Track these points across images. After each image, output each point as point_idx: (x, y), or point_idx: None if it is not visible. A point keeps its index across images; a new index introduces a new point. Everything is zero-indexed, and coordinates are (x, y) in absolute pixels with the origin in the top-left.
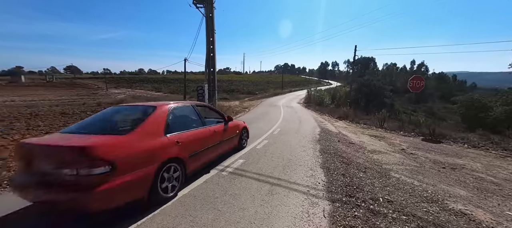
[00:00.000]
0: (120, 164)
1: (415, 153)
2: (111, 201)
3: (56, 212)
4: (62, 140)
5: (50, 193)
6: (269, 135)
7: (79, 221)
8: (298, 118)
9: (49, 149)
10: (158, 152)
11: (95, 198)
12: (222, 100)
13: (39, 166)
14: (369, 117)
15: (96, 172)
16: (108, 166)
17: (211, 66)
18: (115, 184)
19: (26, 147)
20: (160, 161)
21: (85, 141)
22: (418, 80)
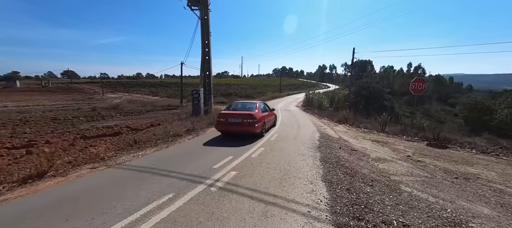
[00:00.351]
0: (256, 119)
1: (423, 160)
2: (256, 130)
3: (239, 135)
4: (241, 112)
5: (238, 127)
6: (266, 141)
7: (247, 137)
8: (297, 122)
9: (237, 114)
10: (262, 117)
11: (253, 129)
12: (219, 104)
13: (231, 120)
14: (370, 121)
15: (253, 121)
16: (255, 119)
17: (206, 70)
18: (256, 125)
19: (224, 113)
20: (262, 121)
21: (249, 112)
22: (420, 83)
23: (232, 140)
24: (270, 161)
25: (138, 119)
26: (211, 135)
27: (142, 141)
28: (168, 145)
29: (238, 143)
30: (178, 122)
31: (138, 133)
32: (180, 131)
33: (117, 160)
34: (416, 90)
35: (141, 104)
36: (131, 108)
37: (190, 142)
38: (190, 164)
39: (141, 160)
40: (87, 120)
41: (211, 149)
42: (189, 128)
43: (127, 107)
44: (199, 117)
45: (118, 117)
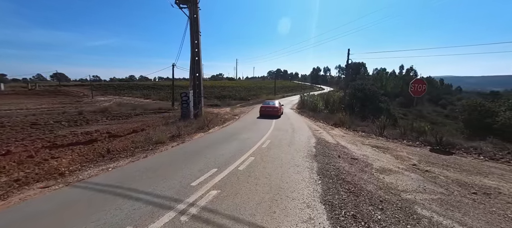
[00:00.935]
0: (277, 108)
1: (431, 170)
2: (278, 113)
3: (270, 116)
4: (269, 106)
5: (270, 112)
6: (257, 149)
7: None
8: (291, 126)
9: (268, 107)
10: (279, 108)
11: (276, 113)
12: (212, 107)
13: (267, 109)
14: (367, 124)
15: (275, 110)
16: (276, 109)
17: (196, 71)
18: (279, 112)
19: (263, 107)
20: (280, 110)
21: (273, 106)
22: (419, 84)
23: (220, 147)
24: (260, 175)
25: (124, 123)
26: (198, 142)
27: (117, 151)
28: (147, 155)
29: (225, 151)
30: (164, 127)
31: (116, 140)
32: (163, 138)
33: (81, 175)
34: (415, 92)
35: (131, 107)
36: (119, 112)
37: (172, 150)
38: (165, 180)
39: (110, 174)
40: (69, 125)
41: (194, 160)
42: (174, 134)
43: (116, 110)
44: (188, 121)
45: (104, 121)
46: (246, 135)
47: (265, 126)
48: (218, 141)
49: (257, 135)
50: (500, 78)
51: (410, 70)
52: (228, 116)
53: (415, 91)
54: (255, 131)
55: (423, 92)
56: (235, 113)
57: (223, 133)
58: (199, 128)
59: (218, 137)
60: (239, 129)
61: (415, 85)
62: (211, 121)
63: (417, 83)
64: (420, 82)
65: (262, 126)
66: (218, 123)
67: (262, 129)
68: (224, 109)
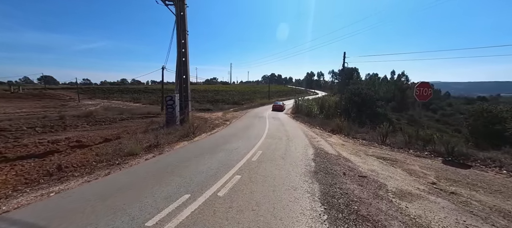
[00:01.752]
0: (282, 106)
1: (458, 192)
2: (283, 108)
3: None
4: (278, 105)
5: (279, 108)
6: (245, 163)
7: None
8: (286, 133)
9: (278, 105)
10: (283, 105)
11: (283, 108)
12: (204, 112)
13: (276, 106)
14: (366, 130)
15: (282, 106)
16: (282, 105)
17: (183, 73)
18: (283, 108)
19: (275, 105)
20: (284, 107)
21: (279, 104)
22: (425, 88)
23: (202, 160)
24: (245, 206)
25: (104, 129)
26: (178, 154)
27: (72, 166)
28: (111, 171)
29: (206, 166)
30: (142, 135)
31: (79, 152)
32: (137, 149)
33: (6, 204)
34: (421, 96)
35: (118, 112)
36: (105, 116)
37: (143, 165)
38: (113, 215)
39: (45, 204)
40: (43, 132)
41: (164, 180)
42: (152, 144)
43: (101, 115)
44: (172, 128)
45: (84, 127)
46: (235, 144)
47: (257, 133)
48: (201, 152)
49: (248, 144)
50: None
51: (401, 75)
52: (219, 121)
53: (421, 95)
54: (246, 139)
55: (429, 97)
56: (226, 118)
57: (210, 141)
58: (183, 136)
59: (203, 146)
60: (228, 137)
61: (420, 88)
62: (198, 128)
63: (422, 87)
64: (426, 86)
65: (254, 133)
66: (206, 129)
67: (253, 137)
68: (215, 113)
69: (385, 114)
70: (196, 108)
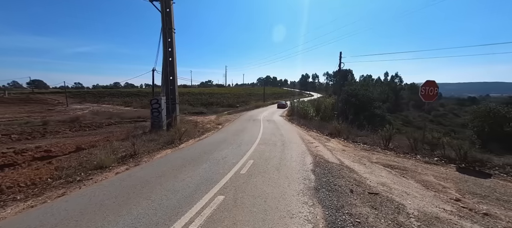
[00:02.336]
0: (285, 104)
1: (492, 212)
2: (286, 106)
3: (282, 107)
4: (283, 103)
5: (283, 106)
6: (232, 178)
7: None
8: (281, 137)
9: (282, 103)
10: (285, 104)
11: (286, 106)
12: (197, 115)
13: (280, 104)
14: (366, 133)
15: (285, 104)
16: (285, 104)
17: (170, 74)
18: (286, 106)
19: (280, 103)
20: (286, 105)
21: (283, 103)
22: (431, 87)
23: (181, 174)
24: None
25: (86, 136)
26: (156, 165)
27: (19, 186)
28: (66, 191)
29: (184, 183)
30: (119, 143)
31: (35, 166)
32: (107, 161)
33: None
34: (426, 96)
35: (107, 116)
36: (92, 121)
37: (110, 181)
38: None
39: None
40: (19, 139)
41: (125, 205)
42: (129, 153)
43: (88, 120)
44: (157, 134)
45: (65, 133)
46: (224, 152)
47: (250, 138)
48: (183, 163)
49: (238, 152)
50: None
51: (394, 76)
52: (211, 125)
53: (426, 95)
54: (237, 145)
55: (435, 97)
56: (219, 122)
57: (196, 149)
58: (167, 143)
59: (187, 156)
60: (218, 143)
61: (425, 88)
62: (186, 133)
63: (427, 86)
64: (431, 85)
65: (246, 138)
66: (195, 134)
67: (245, 143)
68: (208, 117)
69: (383, 116)
70: (189, 111)
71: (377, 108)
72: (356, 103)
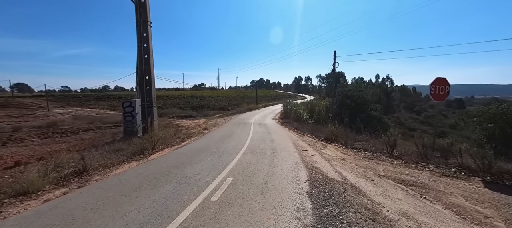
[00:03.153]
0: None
1: None
2: None
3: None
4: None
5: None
6: (197, 210)
7: None
8: (271, 144)
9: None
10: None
11: None
12: (185, 119)
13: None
14: (365, 138)
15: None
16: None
17: (145, 73)
18: None
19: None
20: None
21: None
22: (441, 84)
23: (131, 203)
24: None
25: (54, 143)
26: (102, 188)
27: None
28: None
29: (129, 219)
30: (69, 156)
31: None
32: (38, 183)
33: None
34: (437, 96)
35: (89, 121)
36: (70, 127)
37: (22, 218)
38: None
39: None
40: None
41: None
42: (78, 169)
43: (67, 125)
44: (128, 141)
45: (31, 140)
46: (199, 165)
47: (236, 146)
48: (141, 183)
49: (217, 165)
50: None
51: (386, 79)
52: (196, 130)
53: (436, 94)
54: (218, 155)
55: (446, 96)
56: (206, 126)
57: (168, 161)
58: (135, 153)
59: (152, 171)
60: (197, 153)
61: (435, 86)
62: (163, 140)
63: (438, 84)
64: (442, 82)
65: (232, 146)
66: (173, 142)
67: (229, 152)
68: (197, 121)
69: (380, 118)
70: (178, 115)
71: (374, 110)
72: (351, 105)
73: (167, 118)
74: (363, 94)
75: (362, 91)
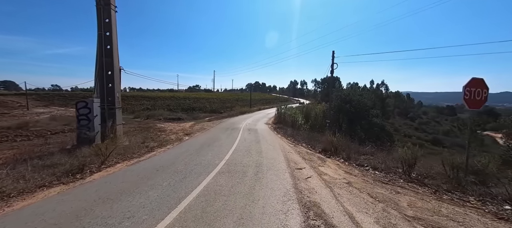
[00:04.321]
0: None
1: None
2: None
3: None
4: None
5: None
6: None
7: None
8: (258, 158)
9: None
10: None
11: None
12: (172, 121)
13: None
14: (371, 150)
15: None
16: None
17: (106, 67)
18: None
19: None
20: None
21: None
22: (478, 87)
23: None
24: None
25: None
26: None
27: None
28: None
29: None
30: None
31: None
32: None
33: None
34: (472, 102)
35: (66, 122)
36: (43, 128)
37: None
38: None
39: None
40: None
41: None
42: None
43: (40, 126)
44: (73, 153)
45: None
46: (143, 196)
47: (212, 160)
48: None
49: (168, 197)
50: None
51: (380, 84)
52: (176, 135)
53: (472, 100)
54: (181, 177)
55: (483, 102)
56: (190, 131)
57: (106, 186)
58: (71, 171)
59: (63, 209)
60: (154, 171)
61: (470, 89)
62: (124, 150)
63: (473, 87)
64: (479, 84)
65: (207, 160)
66: (137, 152)
67: (198, 171)
68: (183, 124)
69: (382, 126)
70: (165, 117)
71: (375, 116)
72: (350, 110)
73: (152, 120)
74: (363, 98)
75: (361, 95)
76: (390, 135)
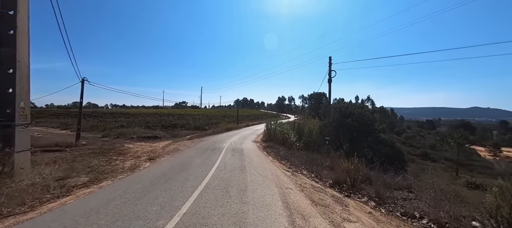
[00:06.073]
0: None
1: None
2: None
3: None
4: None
5: None
6: None
7: None
8: (239, 202)
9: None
10: None
11: None
12: (146, 140)
13: None
14: (404, 182)
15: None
16: None
17: (5, 62)
18: None
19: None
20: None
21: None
22: None
23: None
24: None
25: None
26: None
27: None
28: None
29: None
30: None
31: None
32: None
33: None
34: None
35: None
36: None
37: None
38: None
39: None
40: None
41: None
42: None
43: None
44: None
45: None
46: None
47: (154, 218)
48: None
49: None
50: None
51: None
52: (136, 161)
53: None
54: None
55: None
56: (160, 153)
57: None
58: None
59: None
60: None
61: None
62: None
63: None
64: None
65: (144, 220)
66: (40, 196)
67: None
68: (157, 143)
69: (392, 143)
70: (140, 135)
71: (382, 131)
72: (354, 125)
73: (124, 139)
74: (367, 113)
75: (363, 108)
76: (401, 155)
